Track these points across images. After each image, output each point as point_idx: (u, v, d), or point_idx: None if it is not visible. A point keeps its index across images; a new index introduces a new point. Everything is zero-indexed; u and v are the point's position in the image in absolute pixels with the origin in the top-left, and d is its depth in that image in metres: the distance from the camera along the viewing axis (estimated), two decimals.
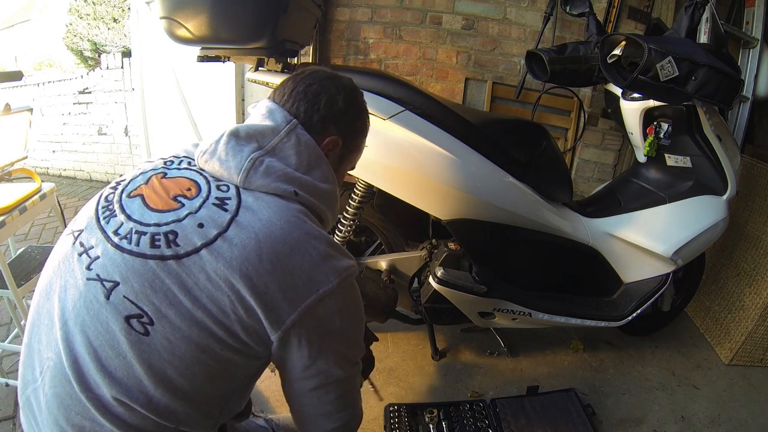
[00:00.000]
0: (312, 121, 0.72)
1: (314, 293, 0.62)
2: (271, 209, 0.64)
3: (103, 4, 5.84)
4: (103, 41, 5.83)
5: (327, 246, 0.66)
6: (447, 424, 1.31)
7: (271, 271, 0.60)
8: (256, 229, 0.61)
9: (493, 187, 1.29)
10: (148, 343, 0.58)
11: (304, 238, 0.64)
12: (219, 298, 0.58)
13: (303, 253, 0.62)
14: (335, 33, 2.03)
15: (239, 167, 0.65)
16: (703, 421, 1.44)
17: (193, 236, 0.60)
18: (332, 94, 0.73)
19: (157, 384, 0.58)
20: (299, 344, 0.63)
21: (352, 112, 0.77)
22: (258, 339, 0.62)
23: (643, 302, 1.47)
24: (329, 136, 0.74)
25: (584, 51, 1.47)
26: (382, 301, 1.37)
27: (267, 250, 0.60)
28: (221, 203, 0.63)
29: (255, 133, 0.68)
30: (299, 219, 0.65)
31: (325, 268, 0.64)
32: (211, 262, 0.59)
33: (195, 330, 0.58)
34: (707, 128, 1.40)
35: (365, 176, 1.25)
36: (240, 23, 1.10)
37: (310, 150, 0.70)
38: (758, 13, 2.09)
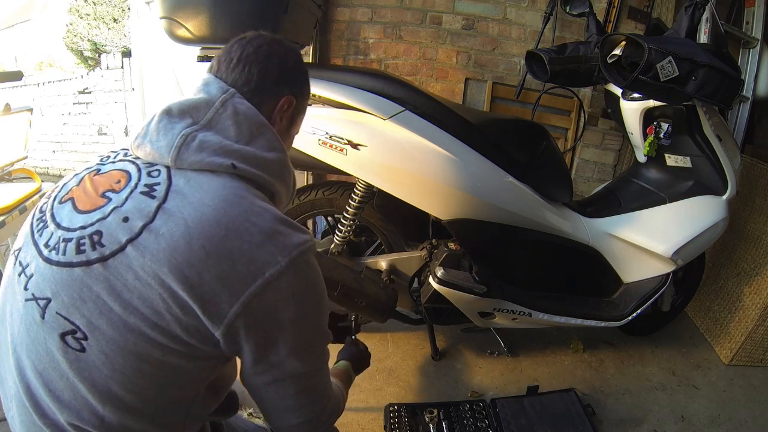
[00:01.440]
0: (266, 82, 0.67)
1: (259, 278, 0.55)
2: (204, 189, 0.57)
3: (103, 4, 5.84)
4: (103, 41, 5.84)
5: (272, 222, 0.58)
6: (447, 424, 1.31)
7: (204, 259, 0.53)
8: (185, 214, 0.55)
9: (493, 187, 1.29)
10: (86, 359, 0.53)
11: (242, 217, 0.56)
12: (150, 297, 0.53)
13: (241, 234, 0.55)
14: (335, 33, 2.03)
15: (170, 145, 0.58)
16: (703, 421, 1.44)
17: (117, 233, 0.54)
18: (282, 54, 0.70)
19: (104, 402, 0.54)
20: (247, 337, 0.57)
21: (301, 71, 0.74)
22: (201, 338, 0.55)
23: (643, 302, 1.47)
24: (284, 96, 0.70)
25: (584, 51, 1.47)
26: (382, 301, 1.37)
27: (198, 236, 0.54)
28: (149, 190, 0.57)
29: (189, 108, 0.62)
30: (237, 196, 0.58)
31: (269, 247, 0.56)
32: (138, 259, 0.53)
33: (130, 338, 0.53)
34: (707, 128, 1.40)
35: (365, 176, 1.25)
36: (240, 23, 1.10)
37: (250, 118, 0.64)
38: (758, 13, 2.08)
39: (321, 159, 1.23)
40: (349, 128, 1.19)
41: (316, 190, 1.48)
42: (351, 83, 1.23)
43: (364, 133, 1.19)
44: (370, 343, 1.66)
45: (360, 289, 1.34)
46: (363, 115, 1.20)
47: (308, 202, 1.48)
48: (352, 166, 1.22)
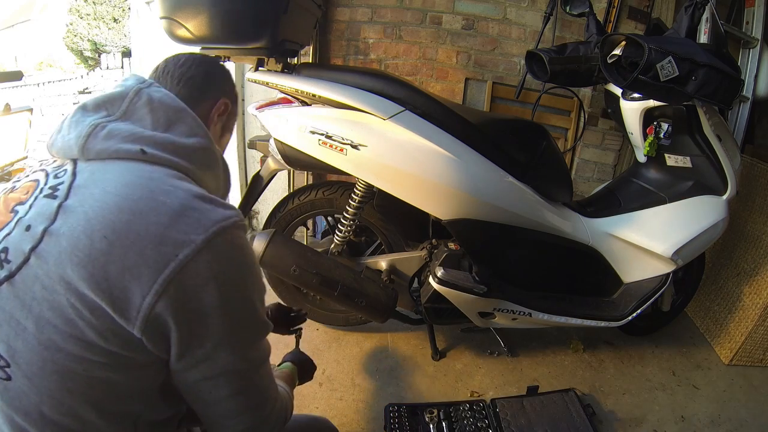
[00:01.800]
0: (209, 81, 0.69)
1: (172, 261, 0.49)
2: (108, 178, 0.52)
3: (103, 4, 5.84)
4: (103, 41, 5.84)
5: (186, 198, 0.53)
6: (447, 424, 1.31)
7: (107, 251, 0.48)
8: (86, 208, 0.50)
9: (493, 187, 1.29)
10: (13, 388, 0.50)
11: (147, 197, 0.51)
12: (59, 305, 0.48)
13: (147, 215, 0.50)
14: (335, 33, 2.03)
15: (78, 136, 0.55)
16: (703, 421, 1.44)
17: (21, 244, 0.50)
18: (223, 67, 0.74)
19: (42, 430, 0.51)
20: (169, 330, 0.51)
21: (230, 80, 0.75)
22: (122, 343, 0.50)
23: (643, 302, 1.47)
24: (222, 98, 0.70)
25: (584, 51, 1.47)
26: (382, 301, 1.37)
27: (99, 227, 0.49)
28: (52, 192, 0.53)
29: (103, 102, 0.59)
30: (143, 177, 0.53)
31: (182, 225, 0.51)
32: (42, 266, 0.49)
33: (48, 356, 0.49)
34: (707, 128, 1.40)
35: (365, 176, 1.25)
36: (240, 23, 1.10)
37: (167, 105, 0.60)
38: (758, 13, 2.08)
39: (321, 159, 1.23)
40: (349, 128, 1.19)
41: (316, 190, 1.48)
42: (351, 83, 1.23)
43: (364, 133, 1.19)
44: (370, 343, 1.68)
45: (360, 289, 1.34)
46: (363, 115, 1.20)
47: (308, 202, 1.48)
48: (352, 166, 1.22)
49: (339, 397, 1.44)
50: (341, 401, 1.43)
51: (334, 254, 1.50)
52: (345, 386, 1.49)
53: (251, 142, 1.47)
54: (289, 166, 1.35)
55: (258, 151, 1.45)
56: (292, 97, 1.28)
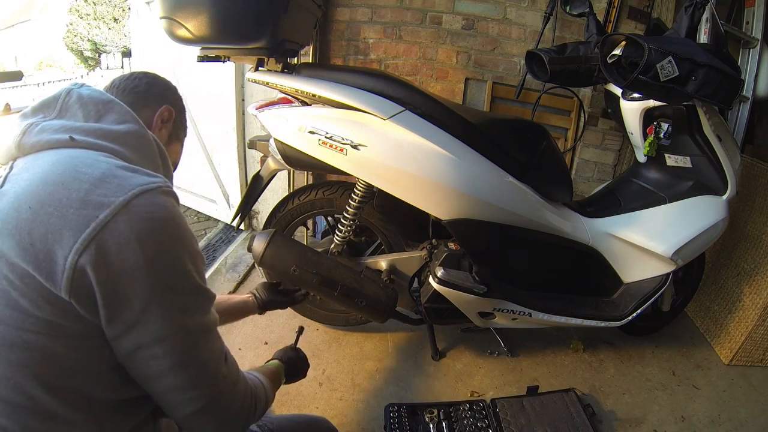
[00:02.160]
0: (152, 91, 0.74)
1: (92, 221, 0.50)
2: (37, 163, 0.56)
3: (103, 4, 5.84)
4: (103, 41, 5.84)
5: (109, 168, 0.55)
6: (447, 424, 1.31)
7: (31, 219, 0.50)
8: (16, 189, 0.53)
9: (493, 187, 1.29)
10: None
11: (71, 170, 0.53)
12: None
13: (70, 184, 0.52)
14: (335, 33, 2.03)
15: (14, 136, 0.59)
16: (703, 421, 1.44)
17: None
18: (167, 81, 0.79)
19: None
20: (92, 289, 0.51)
21: (182, 102, 0.81)
22: (55, 309, 0.51)
23: (643, 302, 1.47)
24: (166, 105, 0.75)
25: (584, 51, 1.47)
26: (382, 301, 1.37)
27: (25, 200, 0.52)
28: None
29: (40, 107, 0.63)
30: (69, 156, 0.55)
31: (103, 189, 0.52)
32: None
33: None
34: (707, 128, 1.40)
35: (365, 176, 1.25)
36: (240, 23, 1.10)
37: (95, 99, 0.63)
38: (758, 13, 2.08)
39: (321, 159, 1.23)
40: (349, 128, 1.19)
41: (316, 190, 1.48)
42: (351, 83, 1.23)
43: (364, 133, 1.19)
44: (370, 343, 1.68)
45: (360, 289, 1.34)
46: (363, 115, 1.20)
47: (308, 202, 1.48)
48: (352, 166, 1.22)
49: (339, 397, 1.44)
50: (341, 401, 1.43)
51: (334, 254, 1.50)
52: (345, 386, 1.49)
53: (251, 142, 1.47)
54: (289, 166, 1.35)
55: (258, 151, 1.45)
56: (292, 97, 1.28)
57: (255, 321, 1.71)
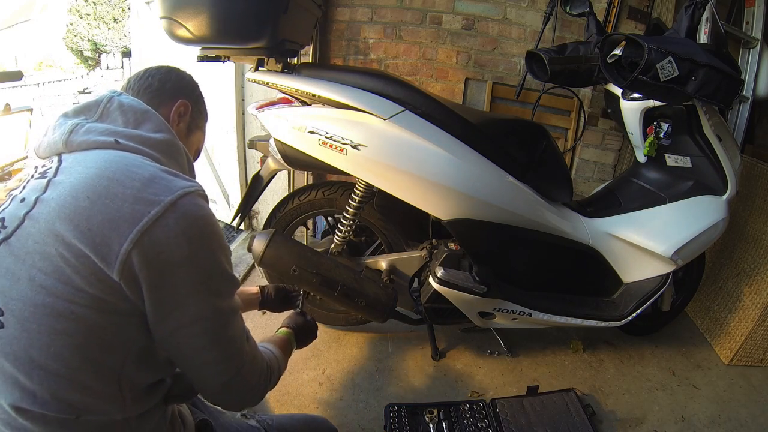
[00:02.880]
0: (165, 87, 0.79)
1: (145, 216, 0.58)
2: (89, 159, 0.63)
3: (104, 4, 5.84)
4: (103, 41, 5.84)
5: (155, 171, 0.63)
6: (447, 424, 1.31)
7: (90, 207, 0.57)
8: (72, 179, 0.60)
9: (493, 187, 1.29)
10: (5, 335, 0.57)
11: (124, 169, 0.61)
12: (49, 254, 0.57)
13: (124, 181, 0.59)
14: (335, 33, 2.03)
15: (62, 133, 0.66)
16: (703, 421, 1.44)
17: (16, 211, 0.60)
18: (180, 73, 0.83)
19: (30, 375, 0.57)
20: (143, 278, 0.58)
21: (197, 90, 0.85)
22: (104, 287, 0.58)
23: (643, 302, 1.47)
24: (180, 100, 0.80)
25: (584, 51, 1.47)
26: (382, 301, 1.37)
27: (83, 189, 0.59)
28: (42, 175, 0.63)
29: (81, 109, 0.71)
30: (119, 156, 0.63)
31: (154, 188, 0.60)
32: (35, 225, 0.58)
33: (39, 300, 0.56)
34: (707, 128, 1.40)
35: (365, 176, 1.25)
36: (240, 23, 1.10)
37: (135, 108, 0.71)
38: (758, 13, 2.08)
39: (321, 159, 1.23)
40: (349, 128, 1.19)
41: (316, 190, 1.48)
42: (351, 83, 1.23)
43: (364, 133, 1.19)
44: (370, 343, 1.68)
45: (360, 289, 1.34)
46: (363, 115, 1.20)
47: (308, 202, 1.48)
48: (352, 166, 1.22)
49: (339, 397, 1.44)
50: (341, 401, 1.43)
51: (334, 254, 1.50)
52: (345, 386, 1.49)
53: (251, 142, 1.47)
54: (289, 166, 1.35)
55: (258, 151, 1.45)
56: (292, 97, 1.28)
57: (254, 319, 1.71)
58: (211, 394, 0.72)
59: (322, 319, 1.70)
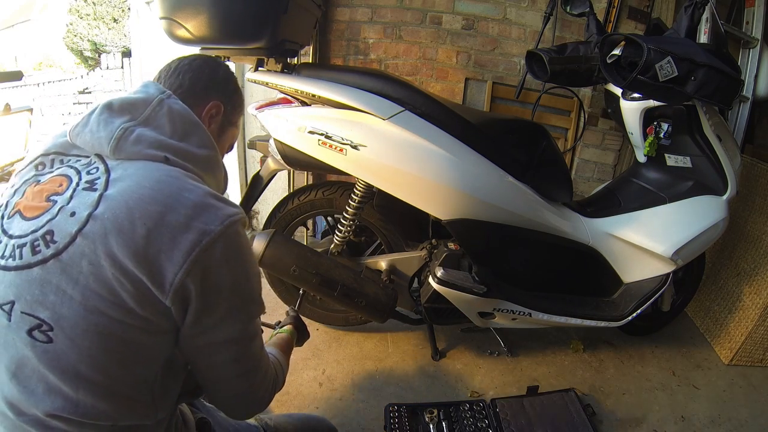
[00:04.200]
0: (196, 87, 0.76)
1: (197, 246, 0.60)
2: (140, 174, 0.63)
3: (103, 4, 5.85)
4: (103, 41, 5.84)
5: (204, 197, 0.64)
6: (447, 424, 1.31)
7: (146, 235, 0.59)
8: (126, 197, 0.60)
9: (493, 187, 1.29)
10: (53, 350, 0.58)
11: (176, 193, 0.62)
12: (104, 277, 0.58)
13: (177, 208, 0.61)
14: (335, 33, 2.03)
15: (109, 137, 0.65)
16: (703, 421, 1.44)
17: (67, 227, 0.59)
18: (214, 67, 0.80)
19: (75, 387, 0.58)
20: (189, 301, 0.62)
21: (231, 84, 0.82)
22: (154, 310, 0.60)
23: (643, 302, 1.47)
24: (212, 101, 0.78)
25: (584, 51, 1.46)
26: (382, 301, 1.37)
27: (139, 215, 0.59)
28: (90, 185, 0.62)
29: (128, 105, 0.68)
30: (170, 177, 0.64)
31: (204, 217, 0.62)
32: (89, 245, 0.58)
33: (92, 319, 0.58)
34: (707, 128, 1.40)
35: (365, 176, 1.25)
36: (240, 23, 1.10)
37: (184, 118, 0.71)
38: (758, 13, 2.08)
39: (321, 159, 1.23)
40: (349, 128, 1.19)
41: (316, 190, 1.48)
42: (351, 83, 1.23)
43: (364, 133, 1.19)
44: (370, 343, 1.68)
45: (360, 289, 1.34)
46: (363, 115, 1.20)
47: (308, 202, 1.48)
48: (352, 166, 1.22)
49: (339, 397, 1.44)
50: (341, 401, 1.43)
51: (334, 254, 1.50)
52: (345, 386, 1.49)
53: (251, 142, 1.47)
54: (289, 166, 1.35)
55: (258, 151, 1.45)
56: (291, 97, 1.28)
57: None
58: (220, 401, 0.75)
59: (322, 319, 1.70)
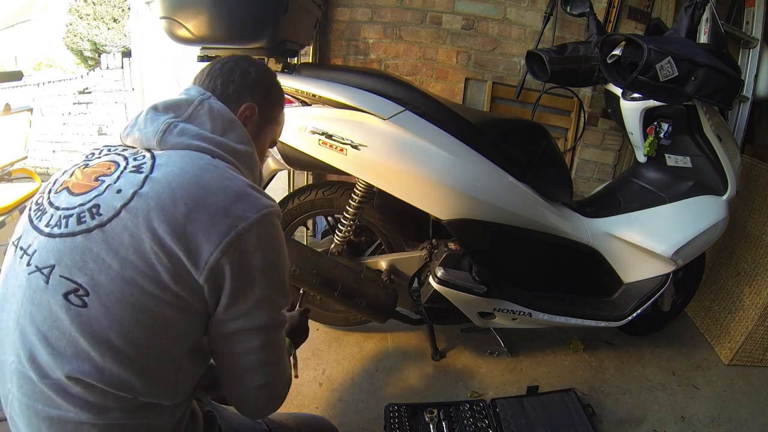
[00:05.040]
0: (228, 91, 0.78)
1: (234, 229, 0.63)
2: (185, 161, 0.67)
3: (103, 4, 5.84)
4: (103, 41, 5.84)
5: (244, 186, 0.67)
6: (447, 424, 1.31)
7: (187, 213, 0.61)
8: (169, 179, 0.64)
9: (493, 187, 1.29)
10: (87, 314, 0.60)
11: (218, 180, 0.66)
12: (143, 250, 0.60)
13: (218, 193, 0.64)
14: (335, 33, 2.03)
15: (156, 131, 0.69)
16: (703, 421, 1.44)
17: (113, 201, 0.63)
18: (245, 67, 0.81)
19: (103, 354, 0.60)
20: (223, 283, 0.64)
21: (265, 82, 0.83)
22: (188, 287, 0.63)
23: (643, 302, 1.47)
24: (246, 103, 0.79)
25: (584, 51, 1.47)
26: (382, 301, 1.37)
27: (181, 194, 0.62)
28: (137, 169, 0.66)
29: (172, 105, 0.73)
30: (212, 165, 0.67)
31: (242, 204, 0.65)
32: (132, 219, 0.61)
33: (127, 290, 0.60)
34: (707, 128, 1.40)
35: (365, 176, 1.25)
36: (240, 23, 1.10)
37: (223, 116, 0.75)
38: (758, 13, 2.08)
39: (321, 159, 1.23)
40: (349, 128, 1.19)
41: (316, 190, 1.48)
42: (351, 83, 1.23)
43: (364, 133, 1.19)
44: (370, 343, 1.68)
45: (360, 289, 1.34)
46: (363, 115, 1.20)
47: (308, 202, 1.48)
48: (352, 166, 1.22)
49: (339, 397, 1.44)
50: (341, 401, 1.43)
51: (334, 254, 1.50)
52: (345, 386, 1.49)
53: None
54: (289, 166, 1.35)
55: None
56: (292, 97, 1.28)
57: None
58: (241, 395, 0.75)
59: (322, 319, 1.70)
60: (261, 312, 0.68)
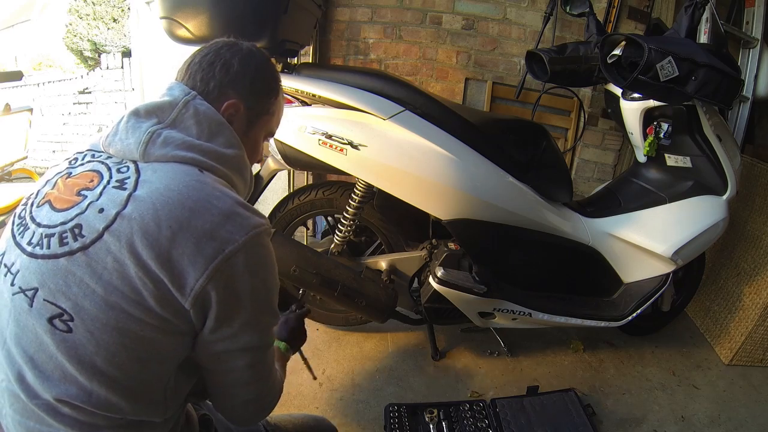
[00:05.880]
0: (209, 88, 0.72)
1: (220, 253, 0.61)
2: (169, 176, 0.63)
3: (103, 4, 5.84)
4: (103, 41, 5.84)
5: (232, 205, 0.64)
6: (447, 424, 1.31)
7: (171, 238, 0.59)
8: (153, 199, 0.61)
9: (493, 187, 1.29)
10: (72, 339, 0.59)
11: (204, 200, 0.63)
12: (128, 275, 0.59)
13: (204, 214, 0.61)
14: (335, 33, 2.03)
15: (138, 142, 0.65)
16: (703, 421, 1.44)
17: (95, 223, 0.60)
18: (227, 59, 0.73)
19: (90, 378, 0.59)
20: (209, 307, 0.63)
21: (249, 73, 0.74)
22: (174, 311, 0.61)
23: (643, 302, 1.47)
24: (228, 101, 0.73)
25: (584, 51, 1.47)
26: (382, 301, 1.37)
27: (165, 217, 0.60)
28: (120, 184, 0.63)
29: (154, 109, 0.69)
30: (199, 182, 0.64)
31: (229, 226, 0.62)
32: (114, 243, 0.59)
33: (112, 315, 0.59)
34: (707, 128, 1.40)
35: (365, 176, 1.25)
36: (240, 23, 1.10)
37: (209, 118, 0.70)
38: (758, 13, 2.08)
39: (321, 159, 1.23)
40: (349, 128, 1.19)
41: (316, 190, 1.48)
42: (351, 83, 1.23)
43: (364, 133, 1.19)
44: (370, 343, 1.68)
45: (360, 289, 1.34)
46: (363, 115, 1.20)
47: (308, 202, 1.48)
48: (352, 166, 1.22)
49: (339, 397, 1.44)
50: (341, 401, 1.43)
51: (334, 254, 1.50)
52: (345, 386, 1.49)
53: None
54: (289, 166, 1.35)
55: None
56: (292, 97, 1.28)
57: None
58: (229, 408, 0.76)
59: (322, 319, 1.70)
60: (248, 334, 0.67)
